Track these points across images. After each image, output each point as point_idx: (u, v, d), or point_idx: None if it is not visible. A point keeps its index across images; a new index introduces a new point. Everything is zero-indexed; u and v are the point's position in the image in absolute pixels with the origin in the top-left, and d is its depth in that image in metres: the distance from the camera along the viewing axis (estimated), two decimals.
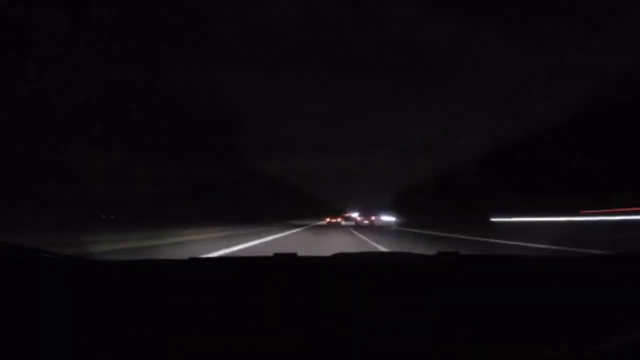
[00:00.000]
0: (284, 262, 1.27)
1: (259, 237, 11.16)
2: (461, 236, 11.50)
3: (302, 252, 1.35)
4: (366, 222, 42.68)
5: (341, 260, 1.36)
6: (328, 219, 39.29)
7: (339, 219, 40.49)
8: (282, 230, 15.78)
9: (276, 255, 1.31)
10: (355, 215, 50.60)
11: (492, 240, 9.47)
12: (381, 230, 19.37)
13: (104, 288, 0.99)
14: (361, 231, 17.47)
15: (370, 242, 9.82)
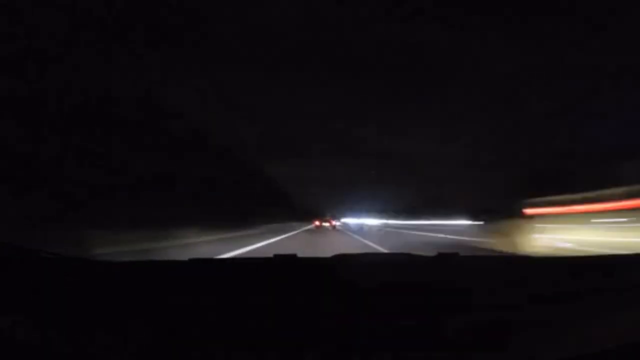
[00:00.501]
0: (284, 263, 1.27)
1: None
2: None
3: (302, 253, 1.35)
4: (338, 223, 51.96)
5: (341, 261, 1.36)
6: (317, 222, 41.53)
7: (333, 222, 43.32)
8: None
9: (276, 256, 1.31)
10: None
11: None
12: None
13: (103, 289, 0.99)
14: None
15: None
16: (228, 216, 17.31)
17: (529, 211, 6.46)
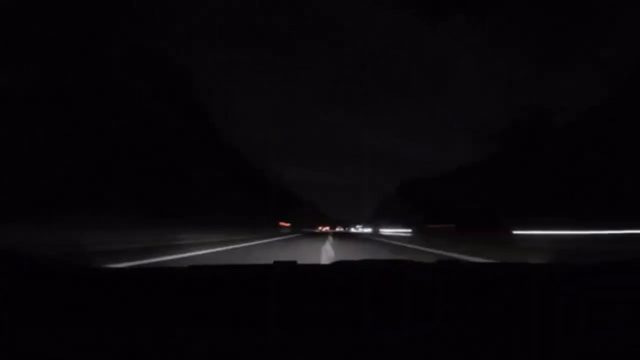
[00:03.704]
0: (284, 270, 1.27)
1: None
2: None
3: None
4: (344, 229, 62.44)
5: (341, 267, 1.36)
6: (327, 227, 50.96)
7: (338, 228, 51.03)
8: None
9: (276, 263, 1.31)
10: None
11: None
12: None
13: (104, 295, 0.99)
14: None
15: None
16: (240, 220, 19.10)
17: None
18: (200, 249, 7.62)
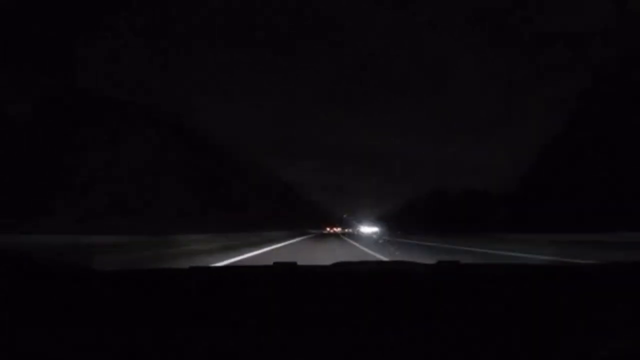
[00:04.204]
0: (284, 271, 1.28)
1: None
2: None
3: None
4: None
5: (341, 269, 1.36)
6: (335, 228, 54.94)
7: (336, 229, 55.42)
8: None
9: (276, 264, 1.31)
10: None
11: None
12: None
13: (104, 295, 1.00)
14: None
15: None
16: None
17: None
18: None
